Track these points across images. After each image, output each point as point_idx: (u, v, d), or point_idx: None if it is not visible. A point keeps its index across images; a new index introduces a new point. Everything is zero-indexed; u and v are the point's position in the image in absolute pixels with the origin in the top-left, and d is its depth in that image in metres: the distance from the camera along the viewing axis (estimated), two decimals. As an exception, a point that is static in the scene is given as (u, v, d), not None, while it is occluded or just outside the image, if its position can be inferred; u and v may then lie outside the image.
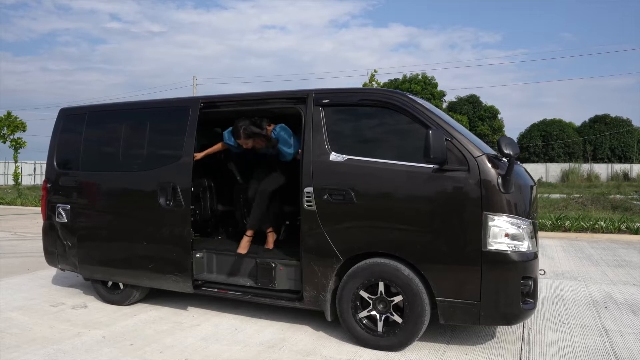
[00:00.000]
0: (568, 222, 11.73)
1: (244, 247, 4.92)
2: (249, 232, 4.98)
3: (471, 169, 3.77)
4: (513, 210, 3.78)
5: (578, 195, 18.49)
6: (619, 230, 11.10)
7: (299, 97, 4.43)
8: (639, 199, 19.34)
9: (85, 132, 5.51)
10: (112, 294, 5.28)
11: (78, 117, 5.65)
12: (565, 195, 19.67)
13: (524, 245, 3.78)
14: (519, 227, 3.77)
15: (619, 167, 44.87)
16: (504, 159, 3.86)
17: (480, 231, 3.73)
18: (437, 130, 3.72)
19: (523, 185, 3.97)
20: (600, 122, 53.24)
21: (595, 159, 50.14)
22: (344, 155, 4.14)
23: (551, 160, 49.61)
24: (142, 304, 5.30)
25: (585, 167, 43.78)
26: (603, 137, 51.67)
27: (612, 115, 53.63)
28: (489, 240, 3.72)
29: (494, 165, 3.77)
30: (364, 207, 4.03)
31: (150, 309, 5.12)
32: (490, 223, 3.72)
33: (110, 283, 5.31)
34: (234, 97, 4.93)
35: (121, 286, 5.23)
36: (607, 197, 18.08)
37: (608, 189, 26.05)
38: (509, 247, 3.74)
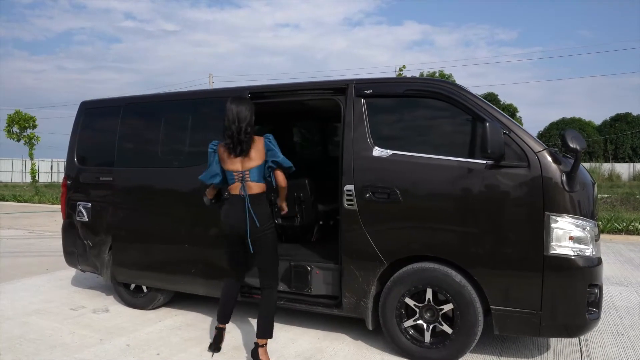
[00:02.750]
0: (600, 223, 11.27)
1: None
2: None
3: (531, 165, 3.41)
4: (577, 210, 3.42)
5: (607, 196, 17.90)
6: (656, 232, 10.62)
7: (338, 88, 4.10)
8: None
9: (120, 126, 5.12)
10: (135, 298, 4.99)
11: (105, 110, 5.38)
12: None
13: (589, 250, 3.42)
14: (584, 229, 3.41)
15: (641, 167, 43.90)
16: (568, 154, 3.50)
17: (541, 233, 3.37)
18: (494, 123, 3.37)
19: (586, 183, 3.60)
20: (621, 121, 52.19)
21: (617, 159, 49.14)
22: (388, 150, 3.80)
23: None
24: (166, 308, 5.02)
25: (606, 166, 42.86)
26: (624, 136, 50.63)
27: (634, 113, 52.58)
28: (552, 243, 3.37)
29: (556, 161, 3.41)
30: (410, 206, 3.69)
31: (176, 314, 4.83)
32: (553, 225, 3.36)
33: (133, 286, 5.02)
34: (273, 87, 4.58)
35: (144, 289, 4.94)
36: (636, 197, 17.47)
37: (632, 188, 25.32)
38: (574, 252, 3.37)
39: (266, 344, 3.56)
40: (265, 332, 3.53)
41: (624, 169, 43.60)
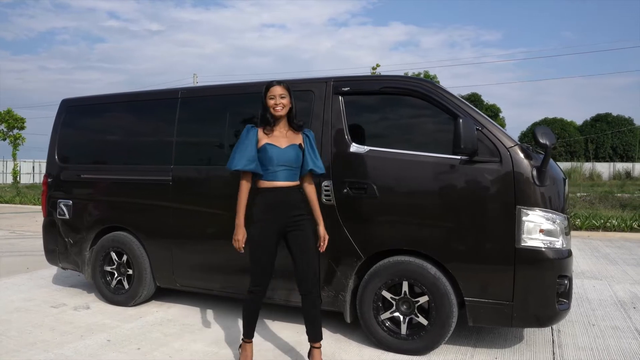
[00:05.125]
0: (579, 220, 11.50)
1: None
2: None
3: (503, 160, 3.52)
4: (548, 204, 3.54)
5: (585, 194, 18.22)
6: (632, 229, 10.89)
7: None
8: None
9: (178, 122, 4.75)
10: (117, 295, 5.00)
11: (90, 107, 5.42)
12: (570, 194, 19.41)
13: (559, 242, 3.54)
14: (554, 222, 3.53)
15: (621, 166, 44.60)
16: (538, 149, 3.62)
17: (513, 227, 3.48)
18: (467, 119, 3.47)
19: (557, 178, 3.72)
20: (602, 121, 53.06)
21: (597, 158, 49.91)
22: (365, 147, 3.88)
23: (553, 159, 49.19)
24: (147, 305, 5.04)
25: (587, 166, 43.49)
26: (605, 136, 51.48)
27: (614, 114, 53.49)
28: (523, 236, 3.48)
29: (527, 156, 3.53)
30: (387, 201, 3.78)
31: (157, 311, 4.86)
32: (524, 218, 3.48)
33: (114, 282, 5.04)
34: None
35: (126, 286, 4.96)
36: (614, 195, 17.82)
37: (611, 187, 25.80)
38: (544, 244, 3.49)
39: (248, 342, 3.51)
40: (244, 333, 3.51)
41: (604, 168, 44.27)
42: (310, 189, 3.47)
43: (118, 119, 5.20)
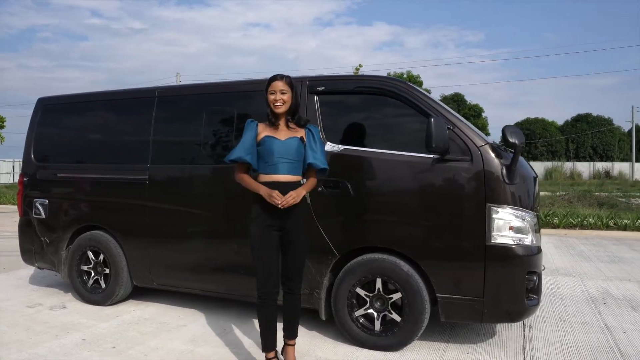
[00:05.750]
0: (556, 218, 11.69)
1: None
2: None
3: (474, 159, 3.59)
4: (517, 202, 3.61)
5: (564, 193, 18.50)
6: (608, 227, 11.11)
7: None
8: (622, 196, 19.47)
9: (155, 121, 4.77)
10: (93, 294, 4.99)
11: (67, 106, 5.40)
12: (550, 193, 19.66)
13: (529, 239, 3.62)
14: (524, 219, 3.61)
15: (600, 166, 45.41)
16: (508, 148, 3.70)
17: (483, 224, 3.55)
18: (438, 118, 3.53)
19: (527, 176, 3.81)
20: (582, 121, 53.96)
21: (578, 158, 50.71)
22: (339, 145, 3.93)
23: (534, 158, 50.06)
24: (124, 304, 5.03)
25: (567, 165, 44.13)
26: (585, 135, 52.30)
27: (594, 114, 54.42)
28: (493, 233, 3.55)
29: (498, 155, 3.60)
30: (360, 199, 3.83)
31: (134, 309, 4.85)
32: (494, 215, 3.55)
33: (91, 282, 5.02)
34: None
35: (103, 285, 4.95)
36: (592, 194, 18.12)
37: (591, 186, 26.21)
38: (514, 241, 3.56)
39: (270, 357, 3.37)
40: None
41: (584, 168, 45.00)
42: (312, 180, 3.34)
43: (95, 117, 5.19)
